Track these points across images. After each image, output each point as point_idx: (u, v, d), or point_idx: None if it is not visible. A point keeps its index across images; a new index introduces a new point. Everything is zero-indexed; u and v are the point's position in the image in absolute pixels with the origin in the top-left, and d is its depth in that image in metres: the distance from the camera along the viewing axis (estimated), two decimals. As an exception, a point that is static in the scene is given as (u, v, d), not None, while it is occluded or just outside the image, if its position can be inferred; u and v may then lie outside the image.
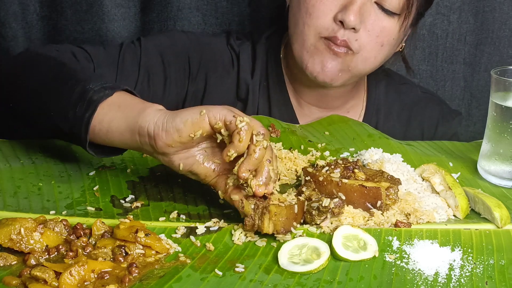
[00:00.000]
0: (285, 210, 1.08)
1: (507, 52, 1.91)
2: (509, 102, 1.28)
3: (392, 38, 1.48)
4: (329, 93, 1.61)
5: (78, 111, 1.18)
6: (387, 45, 1.48)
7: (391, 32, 1.47)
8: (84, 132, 1.18)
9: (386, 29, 1.45)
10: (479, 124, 1.97)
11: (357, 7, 1.41)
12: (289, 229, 1.09)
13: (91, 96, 1.18)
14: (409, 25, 1.51)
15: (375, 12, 1.44)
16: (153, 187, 1.28)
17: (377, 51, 1.47)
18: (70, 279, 0.95)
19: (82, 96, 1.19)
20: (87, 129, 1.17)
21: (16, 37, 1.87)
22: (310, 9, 1.44)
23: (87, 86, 1.19)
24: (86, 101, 1.18)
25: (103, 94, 1.18)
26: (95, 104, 1.17)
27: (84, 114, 1.17)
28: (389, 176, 1.21)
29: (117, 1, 1.83)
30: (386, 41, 1.47)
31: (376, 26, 1.44)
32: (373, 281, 1.00)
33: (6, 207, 1.18)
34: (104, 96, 1.18)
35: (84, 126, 1.17)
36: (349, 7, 1.41)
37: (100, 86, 1.20)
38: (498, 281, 1.01)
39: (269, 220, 1.07)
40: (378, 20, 1.44)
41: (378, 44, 1.46)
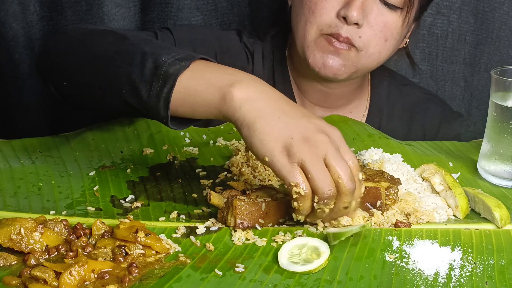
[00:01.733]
0: (249, 206, 1.10)
1: (507, 52, 1.91)
2: (509, 102, 1.28)
3: (396, 33, 1.48)
4: (333, 92, 1.61)
5: (154, 87, 1.09)
6: (391, 40, 1.48)
7: (394, 27, 1.46)
8: (164, 108, 1.10)
9: (389, 23, 1.45)
10: (479, 124, 1.97)
11: (360, 2, 1.41)
12: (252, 225, 1.11)
13: (166, 70, 1.09)
14: (412, 19, 1.51)
15: (377, 7, 1.44)
16: (153, 187, 1.28)
17: (381, 46, 1.47)
18: (70, 279, 0.95)
19: (155, 71, 1.10)
20: (167, 105, 1.09)
21: (16, 37, 1.87)
22: (313, 7, 1.45)
23: (160, 60, 1.10)
24: (161, 76, 1.09)
25: (180, 66, 1.09)
26: (173, 77, 1.08)
27: (162, 89, 1.09)
28: (389, 176, 1.21)
29: (117, 1, 1.83)
30: (389, 36, 1.47)
31: (379, 21, 1.44)
32: (373, 281, 1.00)
33: (6, 207, 1.18)
34: (181, 69, 1.09)
35: (163, 102, 1.09)
36: (352, 2, 1.41)
37: (174, 58, 1.10)
38: (498, 281, 1.01)
39: (231, 214, 1.10)
40: (381, 14, 1.44)
41: (382, 39, 1.46)
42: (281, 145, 1.02)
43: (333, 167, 1.02)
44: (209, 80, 1.08)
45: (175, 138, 1.46)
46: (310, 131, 1.03)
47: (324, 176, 1.02)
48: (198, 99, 1.09)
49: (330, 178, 1.02)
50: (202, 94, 1.08)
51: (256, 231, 1.11)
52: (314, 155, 1.01)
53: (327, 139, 1.03)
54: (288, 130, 1.03)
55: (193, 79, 1.09)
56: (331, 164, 1.02)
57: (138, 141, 1.43)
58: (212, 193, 1.13)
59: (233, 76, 1.08)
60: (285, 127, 1.03)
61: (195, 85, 1.09)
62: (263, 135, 1.03)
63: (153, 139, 1.44)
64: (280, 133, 1.02)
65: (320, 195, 1.02)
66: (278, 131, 1.02)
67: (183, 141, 1.46)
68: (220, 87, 1.06)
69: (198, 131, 1.51)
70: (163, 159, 1.38)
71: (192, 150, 1.43)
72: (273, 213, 1.13)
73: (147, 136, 1.45)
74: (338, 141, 1.06)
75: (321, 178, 1.01)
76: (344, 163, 1.03)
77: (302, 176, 1.02)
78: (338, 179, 1.02)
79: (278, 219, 1.14)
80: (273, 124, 1.03)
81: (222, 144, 1.45)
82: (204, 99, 1.08)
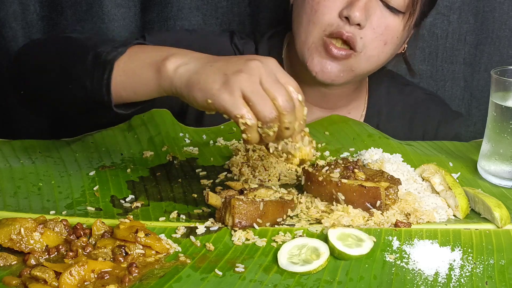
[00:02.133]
0: (247, 206, 1.11)
1: (507, 52, 1.91)
2: (509, 102, 1.28)
3: (396, 37, 1.48)
4: (331, 93, 1.61)
5: (95, 76, 1.16)
6: (391, 44, 1.48)
7: (395, 30, 1.46)
8: (106, 94, 1.16)
9: (390, 27, 1.45)
10: (479, 124, 1.97)
11: (363, 3, 1.41)
12: (250, 224, 1.11)
13: (105, 58, 1.16)
14: (413, 24, 1.51)
15: (380, 9, 1.44)
16: (153, 187, 1.28)
17: (381, 50, 1.47)
18: (70, 279, 0.95)
19: (95, 60, 1.17)
20: (109, 89, 1.16)
21: (16, 37, 1.87)
22: (316, 6, 1.44)
23: (99, 50, 1.18)
24: (101, 64, 1.16)
25: (117, 52, 1.16)
26: (111, 63, 1.15)
27: (102, 76, 1.16)
28: (389, 176, 1.21)
29: (117, 1, 1.83)
30: (389, 40, 1.47)
31: (381, 24, 1.44)
32: (373, 281, 1.00)
33: (6, 207, 1.18)
34: (118, 54, 1.16)
35: (105, 88, 1.16)
36: (355, 3, 1.41)
37: (111, 47, 1.18)
38: (498, 281, 1.01)
39: (229, 213, 1.11)
40: (383, 17, 1.44)
41: (381, 42, 1.46)
42: (219, 83, 1.05)
43: (268, 90, 1.06)
44: (144, 60, 1.14)
45: (174, 138, 1.46)
46: (242, 62, 1.07)
47: (264, 100, 1.05)
48: (136, 79, 1.15)
49: (269, 101, 1.06)
50: (140, 74, 1.14)
51: (256, 231, 1.11)
52: (250, 82, 1.05)
53: (260, 64, 1.07)
54: (221, 70, 1.07)
55: (130, 62, 1.15)
56: (266, 88, 1.06)
57: (139, 145, 1.43)
58: (210, 193, 1.14)
59: (165, 52, 1.13)
60: (218, 70, 1.07)
61: (133, 67, 1.15)
62: (200, 84, 1.07)
63: (153, 141, 1.44)
64: (215, 75, 1.06)
65: (262, 119, 1.05)
66: (213, 74, 1.07)
67: (183, 141, 1.46)
68: (154, 63, 1.12)
69: (198, 131, 1.51)
70: (163, 160, 1.38)
71: (192, 150, 1.43)
72: (271, 213, 1.13)
73: (146, 139, 1.44)
74: (272, 66, 1.09)
75: (261, 102, 1.05)
76: (278, 85, 1.07)
77: (245, 106, 1.05)
78: (274, 100, 1.06)
79: (276, 218, 1.14)
80: (207, 72, 1.07)
81: (222, 144, 1.45)
82: (143, 78, 1.14)
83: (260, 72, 1.06)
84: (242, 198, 1.13)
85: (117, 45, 1.19)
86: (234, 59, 1.10)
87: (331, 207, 1.17)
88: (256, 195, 1.17)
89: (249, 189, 1.18)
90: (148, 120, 1.50)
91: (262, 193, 1.18)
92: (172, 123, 1.51)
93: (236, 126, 1.50)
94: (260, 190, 1.18)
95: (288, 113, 1.07)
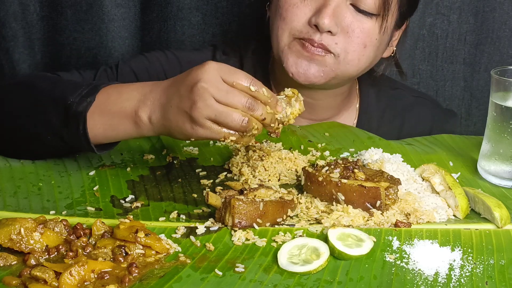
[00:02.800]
0: (246, 206, 1.11)
1: (507, 52, 1.91)
2: (509, 102, 1.28)
3: (375, 39, 1.44)
4: (318, 104, 1.59)
5: (70, 128, 1.22)
6: (371, 46, 1.45)
7: (371, 33, 1.43)
8: (86, 143, 1.22)
9: (365, 30, 1.42)
10: (479, 124, 1.97)
11: (331, 10, 1.38)
12: (249, 224, 1.12)
13: (75, 109, 1.20)
14: (392, 26, 1.48)
15: (351, 13, 1.41)
16: (153, 187, 1.28)
17: (360, 53, 1.44)
18: (70, 279, 0.95)
19: (67, 113, 1.21)
20: (88, 139, 1.21)
21: (16, 37, 1.87)
22: (284, 14, 1.43)
23: (68, 102, 1.21)
24: (73, 117, 1.21)
25: (86, 103, 1.21)
26: (83, 115, 1.20)
27: (78, 128, 1.21)
28: (389, 176, 1.21)
29: (117, 1, 1.83)
30: (368, 42, 1.44)
31: (355, 28, 1.41)
32: (373, 281, 1.00)
33: (6, 207, 1.18)
34: (88, 105, 1.20)
35: (83, 139, 1.21)
36: (323, 10, 1.38)
37: (79, 96, 1.22)
38: (498, 281, 1.01)
39: (229, 213, 1.11)
40: (356, 21, 1.41)
41: (360, 46, 1.43)
42: (187, 123, 1.14)
43: (226, 103, 1.13)
44: (116, 112, 1.20)
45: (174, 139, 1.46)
46: (188, 91, 1.13)
47: (229, 115, 1.13)
48: (115, 132, 1.22)
49: (234, 112, 1.13)
50: (118, 126, 1.21)
51: (256, 231, 1.11)
52: (208, 108, 1.12)
53: (204, 85, 1.12)
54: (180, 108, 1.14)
55: (101, 116, 1.21)
56: (223, 102, 1.13)
57: (139, 149, 1.43)
58: (210, 193, 1.14)
59: (130, 101, 1.19)
60: (177, 110, 1.15)
61: (108, 121, 1.20)
62: (174, 129, 1.16)
63: (154, 148, 1.44)
64: (179, 116, 1.15)
65: (239, 130, 1.14)
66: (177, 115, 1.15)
67: (183, 141, 1.46)
68: (128, 116, 1.19)
69: (198, 131, 1.50)
70: (163, 162, 1.38)
71: (192, 150, 1.43)
72: (271, 213, 1.13)
73: (149, 147, 1.44)
74: (213, 77, 1.13)
75: (229, 119, 1.13)
76: (231, 93, 1.13)
77: (220, 128, 1.14)
78: (236, 108, 1.13)
79: (276, 218, 1.14)
80: (171, 116, 1.16)
81: (222, 144, 1.45)
82: (121, 130, 1.21)
83: (209, 92, 1.12)
84: (242, 198, 1.13)
85: (85, 93, 1.22)
86: (182, 88, 1.15)
87: (331, 207, 1.17)
88: (256, 195, 1.17)
89: (249, 189, 1.18)
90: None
91: (262, 193, 1.18)
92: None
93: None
94: (260, 190, 1.19)
95: (255, 109, 1.14)
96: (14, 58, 1.89)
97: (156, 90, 1.19)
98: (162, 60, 1.60)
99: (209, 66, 1.14)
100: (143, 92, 1.19)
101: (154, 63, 1.59)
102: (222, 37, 1.88)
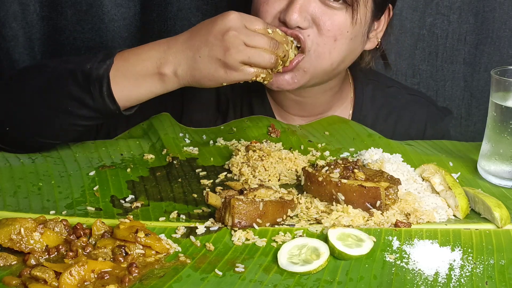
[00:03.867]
0: (246, 206, 1.11)
1: (507, 52, 1.91)
2: (509, 102, 1.28)
3: (346, 31, 1.41)
4: (307, 102, 1.58)
5: (94, 92, 1.27)
6: (342, 39, 1.42)
7: (342, 25, 1.40)
8: (112, 103, 1.28)
9: (336, 22, 1.40)
10: (479, 124, 1.97)
11: (299, 5, 1.37)
12: (249, 224, 1.12)
13: (96, 73, 1.26)
14: (368, 17, 1.44)
15: (319, 7, 1.39)
16: (153, 187, 1.28)
17: (331, 46, 1.41)
18: (70, 279, 0.95)
19: (88, 79, 1.26)
20: (113, 99, 1.27)
21: (16, 37, 1.87)
22: (256, 11, 1.42)
23: (86, 68, 1.27)
24: (96, 80, 1.26)
25: (106, 65, 1.27)
26: (106, 75, 1.26)
27: (102, 89, 1.26)
28: (389, 176, 1.21)
29: (117, 1, 1.83)
30: (339, 35, 1.41)
31: (326, 21, 1.39)
32: (373, 281, 1.00)
33: (6, 207, 1.18)
34: (108, 67, 1.27)
35: (108, 99, 1.27)
36: (290, 6, 1.37)
37: (96, 62, 1.28)
38: (498, 281, 1.01)
39: (229, 213, 1.11)
40: (324, 14, 1.39)
41: (330, 39, 1.40)
42: (221, 69, 1.25)
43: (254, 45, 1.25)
44: (138, 72, 1.28)
45: (174, 139, 1.46)
46: (219, 38, 1.25)
47: (260, 56, 1.26)
48: (140, 90, 1.29)
49: (263, 52, 1.26)
50: (141, 85, 1.28)
51: (256, 231, 1.11)
52: (241, 52, 1.24)
53: (233, 32, 1.25)
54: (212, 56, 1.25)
55: (124, 79, 1.28)
56: (252, 45, 1.25)
57: (139, 149, 1.43)
58: (210, 193, 1.14)
59: (151, 61, 1.28)
60: (209, 58, 1.26)
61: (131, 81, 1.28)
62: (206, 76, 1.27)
63: (154, 147, 1.44)
64: (211, 64, 1.26)
65: (269, 67, 1.28)
66: (209, 64, 1.26)
67: (183, 141, 1.46)
68: (151, 74, 1.28)
69: (198, 131, 1.51)
70: (163, 163, 1.38)
71: (192, 150, 1.43)
72: (271, 213, 1.13)
73: (148, 147, 1.44)
74: (237, 22, 1.26)
75: (260, 59, 1.26)
76: (257, 36, 1.26)
77: (252, 68, 1.27)
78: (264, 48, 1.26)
79: (276, 218, 1.14)
80: (202, 65, 1.26)
81: (222, 144, 1.45)
82: (146, 89, 1.29)
83: (240, 38, 1.24)
84: (242, 198, 1.13)
85: (100, 59, 1.29)
86: (210, 38, 1.25)
87: (331, 207, 1.17)
88: (256, 195, 1.17)
89: (249, 189, 1.18)
90: (148, 127, 1.50)
91: (262, 193, 1.18)
92: (171, 124, 1.51)
93: (235, 126, 1.52)
94: (260, 190, 1.19)
95: (278, 48, 1.28)
96: (14, 58, 1.89)
97: (175, 45, 1.28)
98: None
99: (234, 15, 1.26)
100: (161, 50, 1.28)
101: None
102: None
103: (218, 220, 1.14)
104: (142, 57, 1.28)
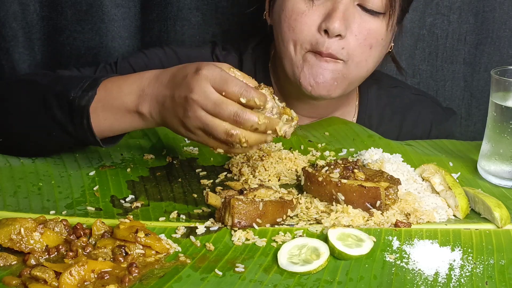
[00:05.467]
0: (246, 206, 1.11)
1: (507, 52, 1.91)
2: (509, 102, 1.28)
3: (381, 39, 1.44)
4: (322, 104, 1.58)
5: (76, 122, 1.23)
6: (376, 46, 1.45)
7: (378, 33, 1.43)
8: (91, 136, 1.24)
9: (372, 30, 1.42)
10: (479, 124, 1.97)
11: (341, 13, 1.37)
12: (249, 224, 1.12)
13: (78, 104, 1.22)
14: (395, 23, 1.48)
15: (359, 14, 1.40)
16: (153, 187, 1.28)
17: (367, 54, 1.44)
18: (70, 279, 0.95)
19: (71, 107, 1.23)
20: (92, 132, 1.23)
21: (16, 37, 1.87)
22: (293, 24, 1.41)
23: (70, 97, 1.23)
24: (77, 111, 1.23)
25: (88, 97, 1.22)
26: (86, 109, 1.22)
27: (82, 122, 1.23)
28: (389, 176, 1.21)
29: (117, 1, 1.83)
30: (374, 43, 1.43)
31: (362, 29, 1.41)
32: (373, 281, 1.00)
33: (6, 207, 1.18)
34: (90, 99, 1.22)
35: (89, 132, 1.23)
36: (333, 14, 1.37)
37: (81, 90, 1.24)
38: (498, 281, 1.01)
39: (229, 213, 1.11)
40: (363, 22, 1.41)
41: (366, 47, 1.43)
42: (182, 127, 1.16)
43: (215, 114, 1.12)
44: (118, 107, 1.22)
45: (174, 139, 1.46)
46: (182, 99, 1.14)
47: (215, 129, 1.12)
48: (120, 125, 1.24)
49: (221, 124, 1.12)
50: (121, 120, 1.23)
51: (256, 231, 1.11)
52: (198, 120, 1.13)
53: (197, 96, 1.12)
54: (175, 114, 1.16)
55: (105, 111, 1.23)
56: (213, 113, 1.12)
57: (140, 149, 1.43)
58: (210, 193, 1.14)
59: (131, 96, 1.21)
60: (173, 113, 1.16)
61: (112, 116, 1.23)
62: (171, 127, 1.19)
63: (154, 148, 1.44)
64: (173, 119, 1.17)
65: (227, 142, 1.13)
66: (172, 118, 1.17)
67: (183, 141, 1.46)
68: (130, 110, 1.22)
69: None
70: (163, 163, 1.38)
71: (192, 150, 1.43)
72: (271, 213, 1.13)
73: (148, 147, 1.44)
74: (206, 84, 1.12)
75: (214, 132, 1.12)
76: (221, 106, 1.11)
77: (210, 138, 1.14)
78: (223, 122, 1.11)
79: (276, 218, 1.14)
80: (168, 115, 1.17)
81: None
82: (126, 123, 1.23)
83: (199, 104, 1.12)
84: (242, 198, 1.13)
85: (85, 86, 1.24)
86: (176, 94, 1.15)
87: (331, 207, 1.17)
88: (256, 195, 1.17)
89: (249, 189, 1.18)
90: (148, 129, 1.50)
91: (262, 193, 1.18)
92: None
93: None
94: (260, 190, 1.19)
95: (242, 122, 1.11)
96: (14, 58, 1.89)
97: (154, 85, 1.20)
98: (161, 56, 1.60)
99: (201, 76, 1.12)
100: (141, 87, 1.21)
101: (153, 59, 1.59)
102: (222, 37, 1.88)
103: (218, 220, 1.14)
104: (123, 91, 1.22)
